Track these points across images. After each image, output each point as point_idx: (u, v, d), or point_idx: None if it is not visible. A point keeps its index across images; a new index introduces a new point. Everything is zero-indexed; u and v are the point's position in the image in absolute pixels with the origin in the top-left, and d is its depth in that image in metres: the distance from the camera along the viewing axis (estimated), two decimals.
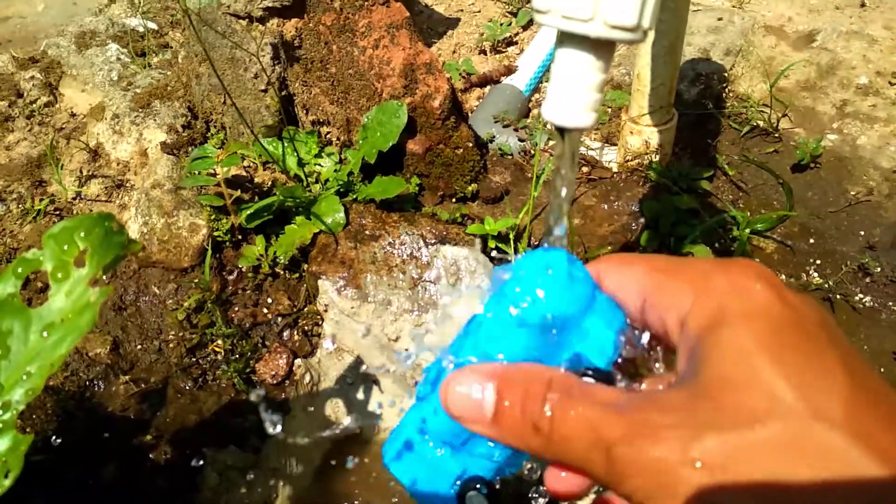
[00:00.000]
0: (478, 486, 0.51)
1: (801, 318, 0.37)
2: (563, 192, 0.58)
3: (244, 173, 1.35)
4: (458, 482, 0.51)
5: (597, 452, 0.37)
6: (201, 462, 1.08)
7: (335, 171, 1.31)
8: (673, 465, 0.34)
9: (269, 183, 1.34)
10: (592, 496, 0.51)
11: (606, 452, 0.37)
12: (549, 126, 1.51)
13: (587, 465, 0.38)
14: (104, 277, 0.67)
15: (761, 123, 1.54)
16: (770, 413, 0.33)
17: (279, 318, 1.22)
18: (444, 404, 0.44)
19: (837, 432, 0.32)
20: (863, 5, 1.85)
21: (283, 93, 1.33)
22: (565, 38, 0.51)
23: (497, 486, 0.52)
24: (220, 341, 1.19)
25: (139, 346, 1.19)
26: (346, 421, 1.19)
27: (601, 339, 0.47)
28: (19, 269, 0.68)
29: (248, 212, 1.22)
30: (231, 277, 1.25)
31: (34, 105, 1.54)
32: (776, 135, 1.53)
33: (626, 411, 0.37)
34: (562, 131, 0.55)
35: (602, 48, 0.50)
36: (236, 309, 1.22)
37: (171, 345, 1.19)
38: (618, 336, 0.47)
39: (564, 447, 0.39)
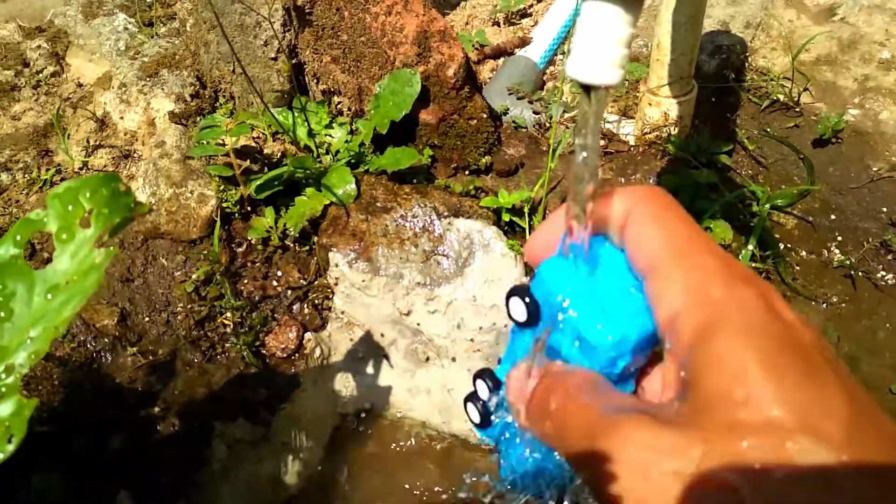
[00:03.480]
0: (486, 378, 0.53)
1: (799, 338, 0.36)
2: (588, 157, 0.55)
3: (253, 143, 1.33)
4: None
5: (586, 443, 0.37)
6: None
7: (346, 141, 1.28)
8: (655, 477, 0.33)
9: (279, 153, 1.32)
10: None
11: (592, 444, 0.36)
12: (566, 94, 1.48)
13: (575, 456, 0.38)
14: (109, 239, 0.64)
15: (782, 97, 1.50)
16: (768, 431, 0.32)
17: (289, 291, 1.20)
18: (506, 389, 0.47)
19: (836, 455, 0.31)
20: None
21: (294, 61, 1.30)
22: None
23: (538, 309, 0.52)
24: (228, 314, 1.17)
25: (147, 318, 1.17)
26: (356, 395, 1.18)
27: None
28: (23, 230, 0.66)
29: (258, 183, 1.19)
30: (240, 249, 1.22)
31: (41, 75, 1.51)
32: (797, 109, 1.49)
33: (619, 421, 0.37)
34: (587, 89, 0.52)
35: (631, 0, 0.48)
36: (245, 281, 1.20)
37: (179, 317, 1.17)
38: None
39: (561, 432, 0.40)
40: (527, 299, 0.53)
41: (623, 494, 0.34)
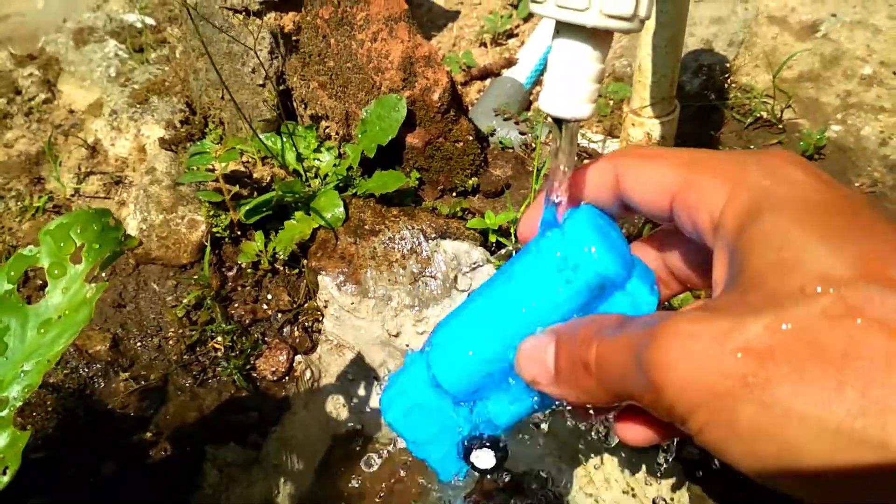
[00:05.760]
0: (486, 443, 0.51)
1: (846, 198, 0.34)
2: (561, 184, 0.57)
3: (243, 168, 1.35)
4: (465, 441, 0.52)
5: (634, 371, 0.34)
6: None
7: (334, 165, 1.30)
8: (711, 361, 0.30)
9: (268, 178, 1.34)
10: None
11: (640, 366, 0.33)
12: (548, 118, 1.50)
13: (630, 390, 0.35)
14: (102, 273, 0.66)
15: (765, 115, 1.52)
16: (824, 286, 0.29)
17: (279, 315, 1.22)
18: (519, 371, 0.44)
19: None
20: None
21: (281, 87, 1.32)
22: (562, 28, 0.50)
23: (502, 444, 0.51)
24: (219, 338, 1.18)
25: (139, 344, 1.18)
26: (347, 417, 1.19)
27: (643, 301, 0.46)
28: (17, 266, 0.68)
29: (247, 207, 1.21)
30: (230, 274, 1.24)
31: (32, 102, 1.53)
32: (780, 126, 1.52)
33: (660, 322, 0.33)
34: (559, 123, 0.54)
35: (599, 38, 0.50)
36: (236, 305, 1.22)
37: (170, 342, 1.19)
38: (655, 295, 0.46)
39: (608, 378, 0.36)
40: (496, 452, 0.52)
41: (684, 392, 0.31)
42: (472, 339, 0.48)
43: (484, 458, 0.51)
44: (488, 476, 0.53)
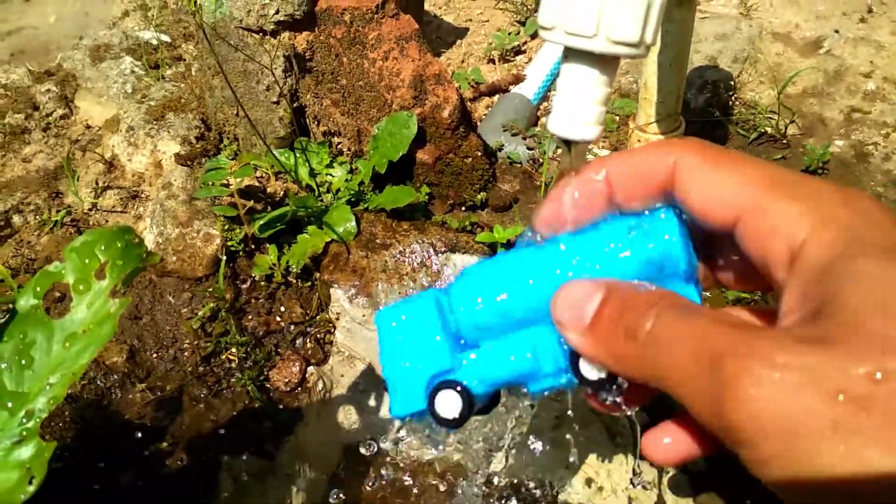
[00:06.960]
0: (457, 388, 0.47)
1: None
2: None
3: (257, 184, 1.37)
4: (439, 379, 0.47)
5: (699, 366, 0.31)
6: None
7: (346, 180, 1.33)
8: (801, 397, 0.28)
9: (282, 193, 1.36)
10: None
11: (713, 366, 0.31)
12: (556, 137, 1.53)
13: (683, 382, 0.32)
14: (122, 288, 0.68)
15: (769, 130, 1.54)
16: None
17: (292, 326, 1.24)
18: (553, 308, 0.41)
19: None
20: (870, 11, 1.85)
21: (295, 104, 1.35)
22: (570, 54, 0.53)
23: (476, 401, 0.47)
24: (234, 349, 1.21)
25: (155, 355, 1.21)
26: (359, 427, 1.21)
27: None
28: (43, 282, 0.70)
29: (261, 222, 1.24)
30: (244, 286, 1.26)
31: (50, 118, 1.56)
32: (784, 141, 1.54)
33: (742, 326, 0.32)
34: (568, 144, 0.57)
35: (606, 63, 0.52)
36: (250, 317, 1.24)
37: (186, 353, 1.21)
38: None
39: (659, 359, 0.34)
40: (458, 388, 0.48)
41: (758, 419, 0.29)
42: (509, 279, 0.45)
43: (449, 405, 0.46)
44: (446, 429, 0.46)
